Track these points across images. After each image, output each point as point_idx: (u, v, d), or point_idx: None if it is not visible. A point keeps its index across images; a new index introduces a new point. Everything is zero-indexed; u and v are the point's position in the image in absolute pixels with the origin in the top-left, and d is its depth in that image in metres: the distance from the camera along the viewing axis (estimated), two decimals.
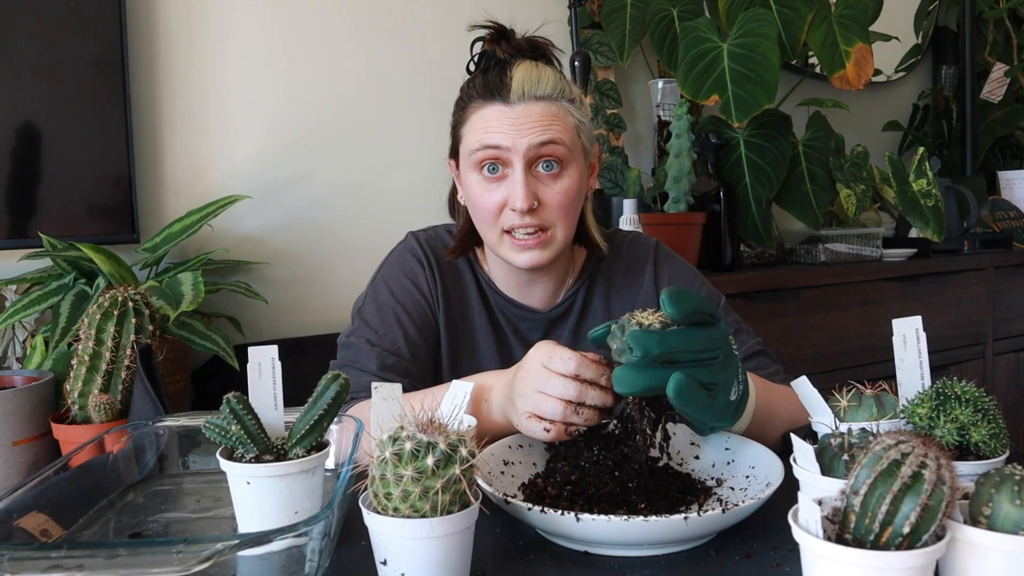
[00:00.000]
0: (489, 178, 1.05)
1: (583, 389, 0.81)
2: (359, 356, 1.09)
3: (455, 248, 1.16)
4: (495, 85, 1.05)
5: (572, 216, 1.08)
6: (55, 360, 1.32)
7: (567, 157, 1.05)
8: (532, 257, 1.06)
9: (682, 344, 0.74)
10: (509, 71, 1.05)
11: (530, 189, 1.03)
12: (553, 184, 1.05)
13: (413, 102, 2.04)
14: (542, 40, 1.11)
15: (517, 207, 1.02)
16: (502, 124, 1.03)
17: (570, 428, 0.83)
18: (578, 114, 1.08)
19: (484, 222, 1.08)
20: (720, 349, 0.77)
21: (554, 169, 1.05)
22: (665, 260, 1.21)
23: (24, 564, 0.57)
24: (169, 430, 0.93)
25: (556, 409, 0.82)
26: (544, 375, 0.83)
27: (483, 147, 1.04)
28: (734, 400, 0.79)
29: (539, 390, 0.83)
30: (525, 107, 1.03)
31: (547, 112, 1.04)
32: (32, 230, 1.56)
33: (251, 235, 1.86)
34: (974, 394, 0.73)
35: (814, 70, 2.55)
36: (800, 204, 2.18)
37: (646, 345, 0.73)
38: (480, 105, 1.06)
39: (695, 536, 0.72)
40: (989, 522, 0.55)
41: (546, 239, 1.06)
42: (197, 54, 1.80)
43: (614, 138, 2.29)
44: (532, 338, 1.17)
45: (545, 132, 1.03)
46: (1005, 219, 2.78)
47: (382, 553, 0.63)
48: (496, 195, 1.05)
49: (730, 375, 0.78)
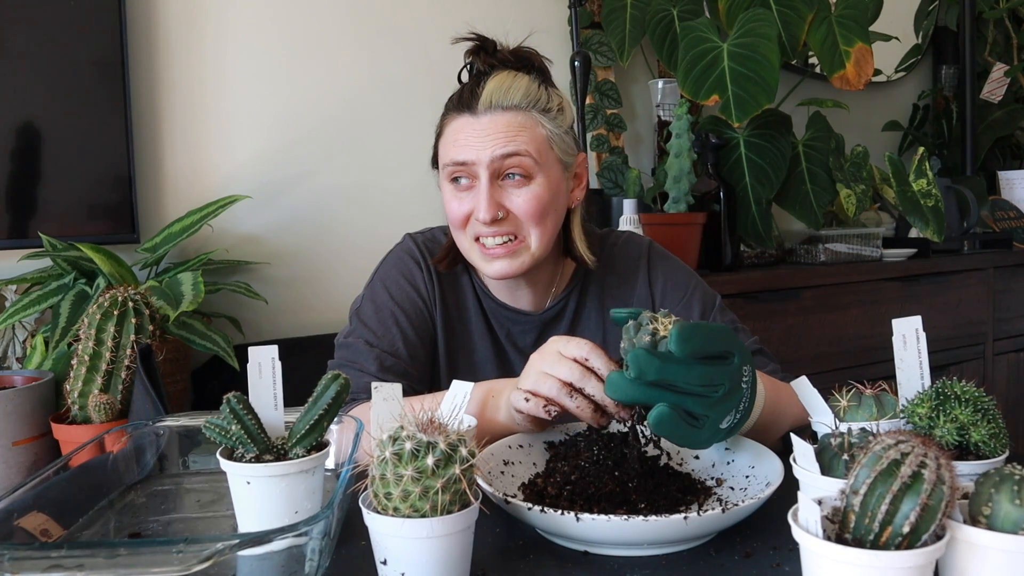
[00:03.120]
0: (459, 187, 1.07)
1: (586, 376, 0.81)
2: (358, 357, 1.09)
3: (442, 258, 1.16)
4: (467, 97, 1.06)
5: (546, 224, 1.07)
6: (55, 360, 1.32)
7: (533, 169, 1.05)
8: (502, 267, 1.07)
9: (680, 378, 0.73)
10: (483, 82, 1.06)
11: (494, 200, 1.04)
12: (519, 192, 1.05)
13: (413, 102, 2.04)
14: (528, 50, 1.11)
15: (480, 218, 1.04)
16: (468, 137, 1.05)
17: (549, 407, 0.83)
18: (550, 124, 1.07)
19: (455, 230, 1.10)
20: (723, 385, 0.75)
21: (519, 178, 1.05)
22: (659, 261, 1.20)
23: (24, 564, 0.57)
24: (169, 430, 0.93)
25: (553, 387, 0.82)
26: (554, 358, 0.83)
27: (451, 163, 1.06)
28: (725, 428, 0.77)
29: (545, 370, 0.83)
30: (491, 118, 1.04)
31: (513, 123, 1.04)
32: (32, 230, 1.56)
33: (251, 235, 1.86)
34: (974, 394, 0.73)
35: (814, 70, 2.55)
36: (800, 204, 2.18)
37: (643, 369, 0.72)
38: (452, 117, 1.08)
39: (695, 536, 0.72)
40: (989, 522, 0.55)
41: (517, 247, 1.07)
42: (197, 54, 1.80)
43: (614, 138, 2.29)
44: (525, 341, 1.17)
45: (509, 144, 1.03)
46: (1005, 219, 2.78)
47: (382, 553, 0.63)
48: (464, 205, 1.07)
49: (727, 408, 0.76)
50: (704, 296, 1.18)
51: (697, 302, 1.16)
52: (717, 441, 0.79)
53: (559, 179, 1.09)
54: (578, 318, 1.18)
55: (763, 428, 0.93)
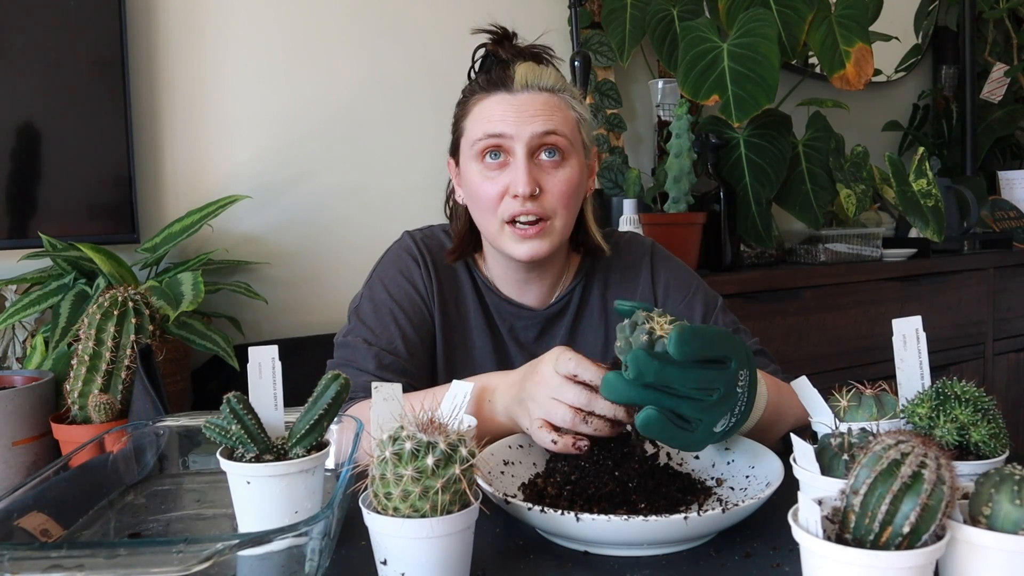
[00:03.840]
0: (491, 165, 1.06)
1: (593, 398, 0.80)
2: (356, 355, 1.09)
3: (453, 250, 1.16)
4: (498, 78, 1.07)
5: (572, 208, 1.08)
6: (55, 360, 1.32)
7: (568, 148, 1.06)
8: (532, 247, 1.06)
9: (677, 381, 0.73)
10: (512, 67, 1.07)
11: (532, 175, 1.04)
12: (555, 172, 1.06)
13: (413, 102, 2.04)
14: (542, 46, 1.14)
15: (520, 191, 1.03)
16: (505, 112, 1.04)
17: (578, 443, 0.81)
18: (580, 109, 1.09)
19: (485, 211, 1.08)
20: (718, 390, 0.74)
21: (555, 157, 1.06)
22: (661, 261, 1.21)
23: (24, 564, 0.57)
24: (169, 430, 0.93)
25: (567, 416, 0.81)
26: (557, 381, 0.82)
27: (486, 135, 1.05)
28: (719, 431, 0.77)
29: (553, 396, 0.82)
30: (528, 96, 1.05)
31: (549, 102, 1.06)
32: (32, 230, 1.56)
33: (251, 235, 1.86)
34: (974, 394, 0.73)
35: (814, 70, 2.55)
36: (800, 204, 2.18)
37: (642, 371, 0.72)
38: (483, 96, 1.08)
39: (695, 536, 0.72)
40: (989, 522, 0.55)
41: (545, 228, 1.06)
42: (197, 54, 1.80)
43: (614, 138, 2.29)
44: (527, 336, 1.18)
45: (548, 121, 1.04)
46: (1005, 219, 2.78)
47: (382, 553, 0.63)
48: (497, 183, 1.05)
49: (721, 412, 0.76)
50: (706, 297, 1.18)
51: (699, 302, 1.17)
52: (711, 443, 0.79)
53: (583, 165, 1.10)
54: (580, 315, 1.19)
55: (765, 429, 0.93)
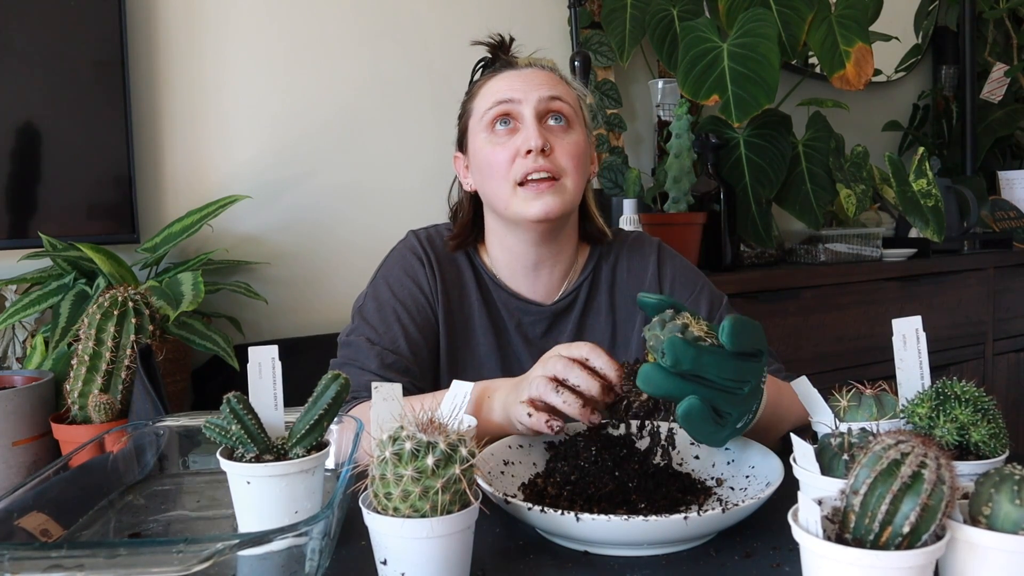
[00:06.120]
0: (500, 133, 1.10)
1: (570, 367, 0.81)
2: (359, 355, 1.09)
3: (455, 236, 1.18)
4: (502, 64, 1.16)
5: (581, 172, 1.12)
6: (55, 360, 1.32)
7: (573, 117, 1.12)
8: (545, 204, 1.07)
9: (714, 369, 0.73)
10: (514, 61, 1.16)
11: (542, 133, 1.08)
12: (563, 136, 1.11)
13: (413, 102, 2.04)
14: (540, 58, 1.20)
15: (532, 145, 1.06)
16: (512, 82, 1.11)
17: (551, 421, 0.83)
18: (580, 88, 1.17)
19: (497, 177, 1.10)
20: (749, 383, 0.76)
21: (563, 123, 1.11)
22: (668, 259, 1.22)
23: (24, 564, 0.57)
24: (169, 430, 0.93)
25: (540, 385, 0.82)
26: (554, 359, 0.83)
27: (495, 103, 1.10)
28: (739, 428, 0.78)
29: (541, 372, 0.84)
30: (533, 70, 1.13)
31: (552, 76, 1.13)
32: (32, 230, 1.56)
33: (251, 235, 1.86)
34: (974, 394, 0.73)
35: (814, 70, 2.55)
36: (800, 204, 2.18)
37: (679, 357, 0.72)
38: (489, 76, 1.15)
39: (695, 536, 0.72)
40: (989, 522, 0.55)
41: (556, 186, 1.08)
42: (197, 54, 1.80)
43: (614, 138, 2.29)
44: (535, 332, 1.18)
45: (553, 89, 1.11)
46: (1005, 219, 2.78)
47: (382, 553, 0.63)
48: (508, 148, 1.09)
49: (747, 407, 0.77)
50: (712, 295, 1.20)
51: (705, 300, 1.18)
52: (727, 441, 0.80)
53: (588, 142, 1.15)
54: (587, 311, 1.19)
55: (764, 428, 0.93)
